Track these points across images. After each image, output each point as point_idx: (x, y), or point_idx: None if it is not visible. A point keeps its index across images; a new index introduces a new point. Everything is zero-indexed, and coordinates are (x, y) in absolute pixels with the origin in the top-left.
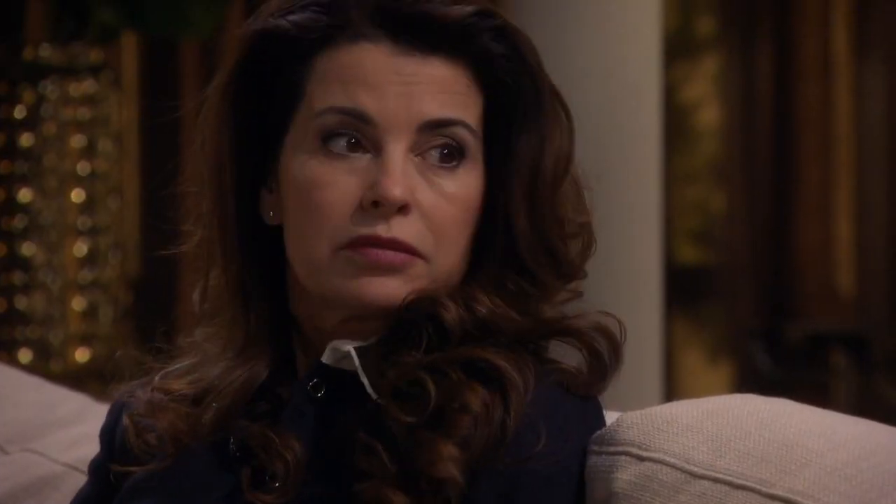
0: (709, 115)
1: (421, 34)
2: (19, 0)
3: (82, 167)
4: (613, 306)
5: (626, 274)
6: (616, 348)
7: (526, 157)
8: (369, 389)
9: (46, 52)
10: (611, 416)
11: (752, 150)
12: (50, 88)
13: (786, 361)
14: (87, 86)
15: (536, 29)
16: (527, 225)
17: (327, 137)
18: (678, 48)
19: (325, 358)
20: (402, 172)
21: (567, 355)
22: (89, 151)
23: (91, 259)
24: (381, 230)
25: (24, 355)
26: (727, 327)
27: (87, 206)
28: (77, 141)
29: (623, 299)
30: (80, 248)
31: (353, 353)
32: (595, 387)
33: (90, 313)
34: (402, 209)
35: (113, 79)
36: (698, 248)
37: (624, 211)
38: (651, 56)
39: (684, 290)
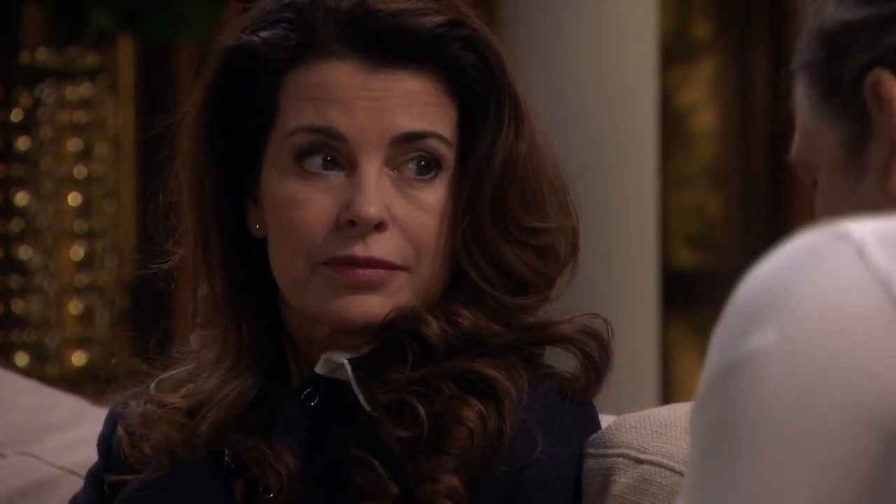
0: (705, 118)
1: (390, 48)
2: (16, 4)
3: (79, 171)
4: (610, 309)
5: (623, 277)
6: (605, 349)
7: (474, 163)
8: (363, 402)
9: (43, 55)
10: (607, 420)
11: (749, 154)
12: (46, 92)
13: None
14: (83, 89)
15: (533, 33)
16: (469, 235)
17: (301, 156)
18: (674, 52)
19: (319, 368)
20: (376, 190)
21: (561, 360)
22: (86, 155)
23: (87, 262)
24: (358, 250)
25: (21, 359)
26: None
27: (84, 210)
28: (73, 144)
29: (619, 303)
30: (77, 251)
31: (347, 364)
32: (591, 390)
33: (86, 317)
34: (379, 226)
35: (109, 83)
36: (694, 252)
37: (620, 214)
38: (647, 60)
39: (680, 293)
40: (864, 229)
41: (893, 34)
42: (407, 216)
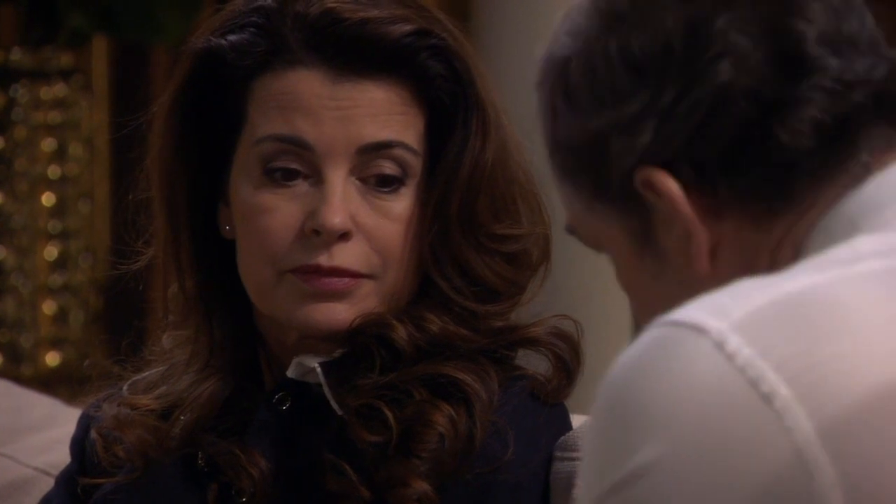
0: None
1: (357, 57)
2: None
3: (53, 171)
4: (583, 310)
5: (596, 278)
6: (576, 351)
7: (442, 171)
8: (334, 405)
9: (17, 55)
10: (580, 421)
11: None
12: (21, 92)
13: None
14: (57, 90)
15: (507, 37)
16: (438, 243)
17: (268, 164)
18: None
19: (291, 372)
20: (341, 199)
21: (533, 362)
22: (60, 155)
23: (61, 263)
24: (323, 259)
25: None
26: None
27: (58, 210)
28: (48, 145)
29: (593, 304)
30: (51, 251)
31: (319, 368)
32: (563, 392)
33: (61, 317)
34: (344, 236)
35: (84, 83)
36: None
37: None
38: None
39: None
40: (719, 319)
41: (643, 133)
42: (372, 225)
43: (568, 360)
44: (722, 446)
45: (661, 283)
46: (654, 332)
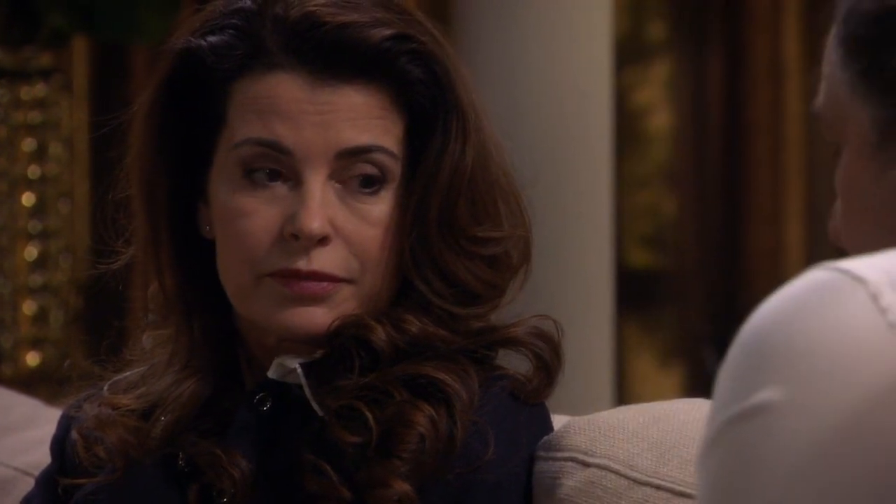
0: (660, 119)
1: (337, 61)
2: None
3: (33, 171)
4: (565, 310)
5: (578, 278)
6: (557, 351)
7: (422, 175)
8: (315, 406)
9: None
10: (561, 421)
11: (703, 155)
12: (0, 92)
13: None
14: (37, 90)
15: (487, 35)
16: (418, 247)
17: (247, 167)
18: (629, 53)
19: (272, 373)
20: (320, 204)
21: (514, 363)
22: (40, 155)
23: (41, 263)
24: (302, 264)
25: None
26: (678, 331)
27: (38, 210)
28: (27, 144)
29: (574, 303)
30: (31, 251)
31: (300, 369)
32: (543, 392)
33: (41, 317)
34: (322, 240)
35: (64, 83)
36: (649, 253)
37: (575, 215)
38: (602, 61)
39: (635, 294)
40: (879, 274)
41: None
42: (351, 229)
43: (548, 360)
44: (854, 397)
45: (877, 192)
46: (814, 274)
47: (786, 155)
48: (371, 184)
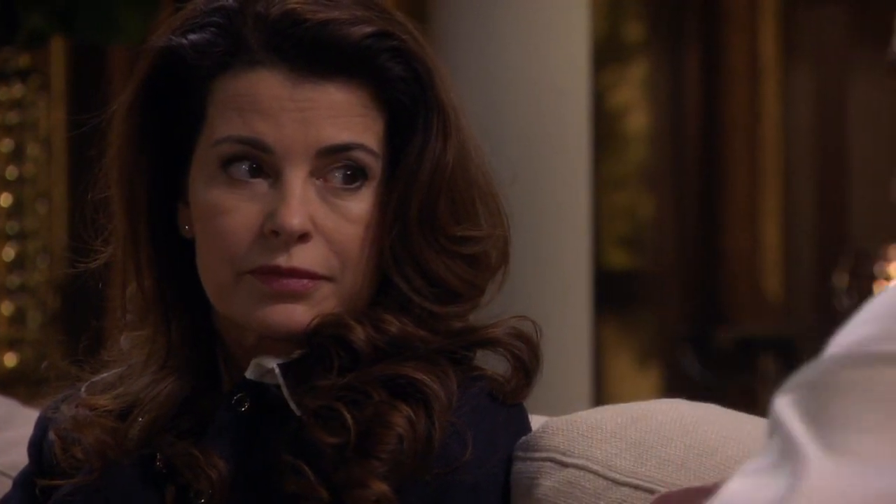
0: (637, 120)
1: (317, 58)
2: None
3: (10, 171)
4: (542, 311)
5: (556, 279)
6: (535, 351)
7: (402, 173)
8: (293, 406)
9: None
10: (539, 421)
11: (681, 156)
12: None
13: (715, 366)
14: (15, 90)
15: (465, 35)
16: (398, 245)
17: (227, 164)
18: (607, 54)
19: (249, 373)
20: (300, 201)
21: (492, 363)
22: (17, 156)
23: (19, 264)
24: (281, 260)
25: None
26: (656, 332)
27: (15, 211)
28: (5, 145)
29: (552, 304)
30: (8, 252)
31: (277, 369)
32: (521, 392)
33: (18, 318)
34: (303, 237)
35: (41, 83)
36: (627, 254)
37: (553, 216)
38: (580, 61)
39: (613, 295)
40: None
41: None
42: (331, 226)
43: (527, 360)
44: None
45: None
46: None
47: (763, 155)
48: (352, 181)
